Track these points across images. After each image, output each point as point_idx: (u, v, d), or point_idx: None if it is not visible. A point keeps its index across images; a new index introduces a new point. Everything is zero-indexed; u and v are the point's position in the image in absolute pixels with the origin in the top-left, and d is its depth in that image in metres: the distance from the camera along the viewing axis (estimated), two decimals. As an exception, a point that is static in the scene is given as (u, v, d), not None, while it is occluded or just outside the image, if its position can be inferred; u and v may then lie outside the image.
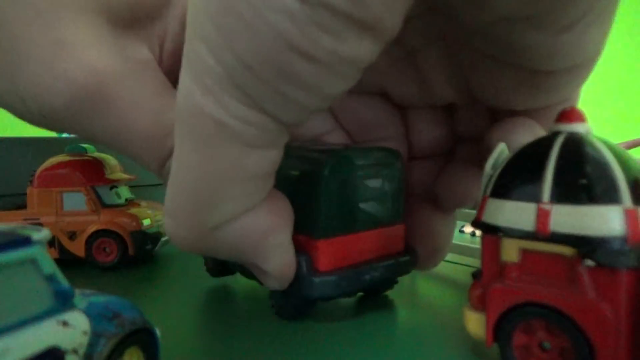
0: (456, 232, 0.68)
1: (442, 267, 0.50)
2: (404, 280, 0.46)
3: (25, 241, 0.19)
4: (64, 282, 0.20)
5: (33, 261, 0.19)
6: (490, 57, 0.25)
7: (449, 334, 0.32)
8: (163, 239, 0.52)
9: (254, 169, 0.20)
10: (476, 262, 0.48)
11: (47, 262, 0.19)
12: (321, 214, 0.31)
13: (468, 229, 0.67)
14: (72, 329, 0.19)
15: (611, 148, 0.24)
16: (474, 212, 0.47)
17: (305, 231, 0.32)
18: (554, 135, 0.26)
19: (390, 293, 0.40)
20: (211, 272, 0.42)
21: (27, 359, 0.17)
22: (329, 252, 0.32)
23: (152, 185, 0.67)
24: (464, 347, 0.30)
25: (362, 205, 0.33)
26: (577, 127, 0.25)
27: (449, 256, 0.53)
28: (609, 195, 0.23)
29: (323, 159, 0.32)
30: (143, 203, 0.54)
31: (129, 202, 0.53)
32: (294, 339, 0.31)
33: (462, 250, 0.49)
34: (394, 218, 0.35)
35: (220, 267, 0.41)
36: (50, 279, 0.19)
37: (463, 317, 0.28)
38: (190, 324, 0.34)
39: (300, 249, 0.32)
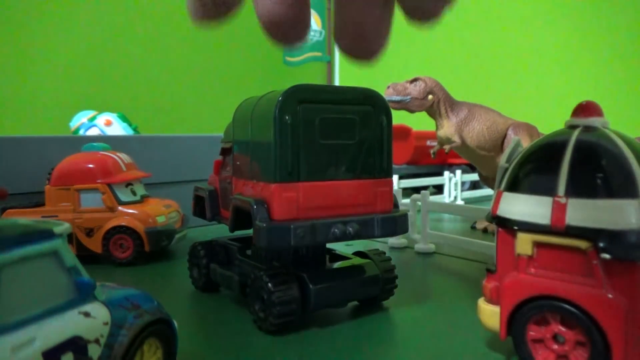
0: (468, 229, 0.67)
1: (454, 263, 0.50)
2: (416, 274, 0.46)
3: (48, 234, 0.19)
4: (85, 274, 0.20)
5: (55, 253, 0.19)
6: None
7: (462, 327, 0.32)
8: (178, 235, 0.53)
9: None
10: (488, 258, 0.48)
11: (69, 255, 0.20)
12: (276, 155, 0.29)
13: (480, 225, 0.67)
14: (94, 319, 0.19)
15: (628, 142, 0.24)
16: (486, 208, 0.47)
17: (264, 176, 0.30)
18: (570, 128, 0.26)
19: (403, 287, 0.40)
20: (196, 285, 0.41)
21: (51, 348, 0.17)
22: (289, 199, 0.29)
23: (166, 182, 0.68)
24: (478, 340, 0.30)
25: (328, 150, 0.30)
26: (594, 121, 0.25)
27: (461, 252, 0.52)
28: (626, 189, 0.22)
29: (278, 96, 0.29)
30: (158, 200, 0.55)
31: (145, 200, 0.54)
32: (313, 328, 0.32)
33: (474, 246, 0.49)
34: (376, 170, 0.32)
35: (204, 279, 0.40)
36: (72, 271, 0.20)
37: (477, 310, 0.28)
38: (205, 317, 0.35)
39: (259, 195, 0.30)
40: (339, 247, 0.40)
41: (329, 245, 0.37)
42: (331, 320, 0.33)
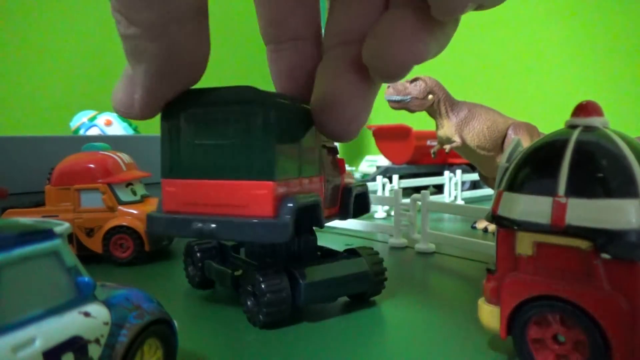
0: (468, 228, 0.67)
1: (454, 263, 0.50)
2: (417, 273, 0.46)
3: (48, 234, 0.19)
4: (85, 274, 0.20)
5: (56, 254, 0.19)
6: None
7: (463, 327, 0.32)
8: (178, 235, 0.53)
9: None
10: (488, 258, 0.48)
11: (69, 255, 0.20)
12: (163, 153, 0.33)
13: (480, 224, 0.67)
14: (94, 319, 0.19)
15: (628, 141, 0.24)
16: (486, 207, 0.47)
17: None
18: (570, 128, 0.26)
19: (404, 287, 0.40)
20: (192, 282, 0.42)
21: (51, 348, 0.17)
22: (171, 193, 0.33)
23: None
24: (478, 340, 0.30)
25: (203, 150, 0.31)
26: (594, 121, 0.25)
27: (461, 252, 0.52)
28: (626, 189, 0.22)
29: None
30: (158, 200, 0.55)
31: (145, 199, 0.54)
32: (314, 325, 0.32)
33: (474, 246, 0.49)
34: (252, 172, 0.30)
35: (199, 276, 0.40)
36: (72, 271, 0.20)
37: (477, 310, 0.28)
38: (205, 316, 0.35)
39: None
40: (335, 245, 0.40)
41: (321, 243, 0.39)
42: (324, 316, 0.34)
